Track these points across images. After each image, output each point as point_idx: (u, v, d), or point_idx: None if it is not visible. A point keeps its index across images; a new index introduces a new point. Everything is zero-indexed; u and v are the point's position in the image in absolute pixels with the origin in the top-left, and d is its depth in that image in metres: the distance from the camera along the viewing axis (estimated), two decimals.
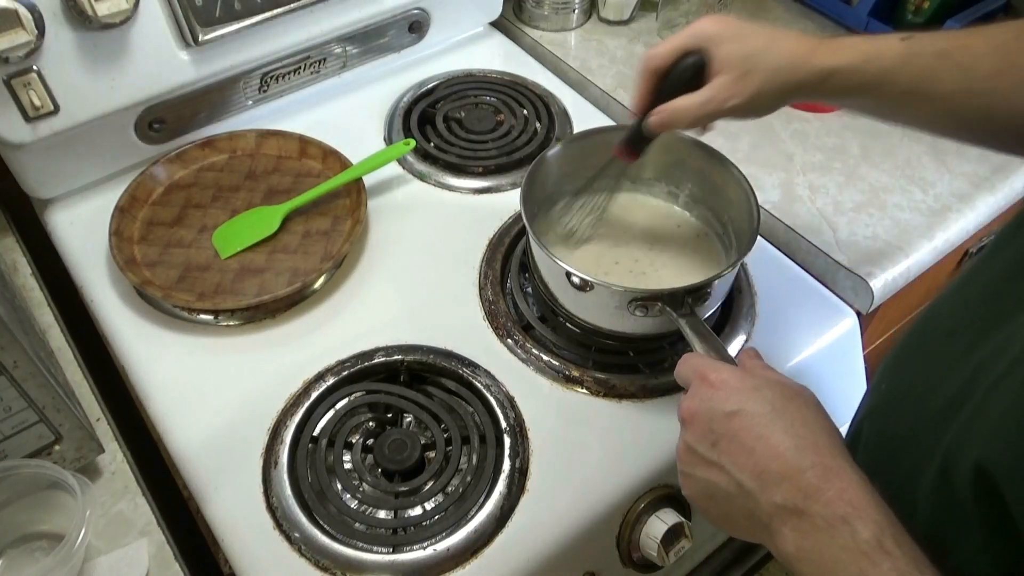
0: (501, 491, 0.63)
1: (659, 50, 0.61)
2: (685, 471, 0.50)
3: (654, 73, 0.61)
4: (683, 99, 0.60)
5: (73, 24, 0.71)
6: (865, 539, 0.40)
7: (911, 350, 0.54)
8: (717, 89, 0.58)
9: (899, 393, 0.53)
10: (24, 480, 0.58)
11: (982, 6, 0.96)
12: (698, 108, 0.59)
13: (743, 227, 0.70)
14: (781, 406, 0.47)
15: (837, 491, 0.42)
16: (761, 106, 0.59)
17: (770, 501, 0.44)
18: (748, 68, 0.57)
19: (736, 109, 0.59)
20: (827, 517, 0.41)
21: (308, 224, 0.82)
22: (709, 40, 0.59)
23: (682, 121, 0.61)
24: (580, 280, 0.64)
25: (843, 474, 0.43)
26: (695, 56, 0.60)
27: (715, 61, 0.59)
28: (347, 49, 0.94)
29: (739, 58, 0.58)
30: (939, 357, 0.49)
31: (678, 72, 0.60)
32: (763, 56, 0.58)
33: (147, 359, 0.72)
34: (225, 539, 0.61)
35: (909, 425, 0.50)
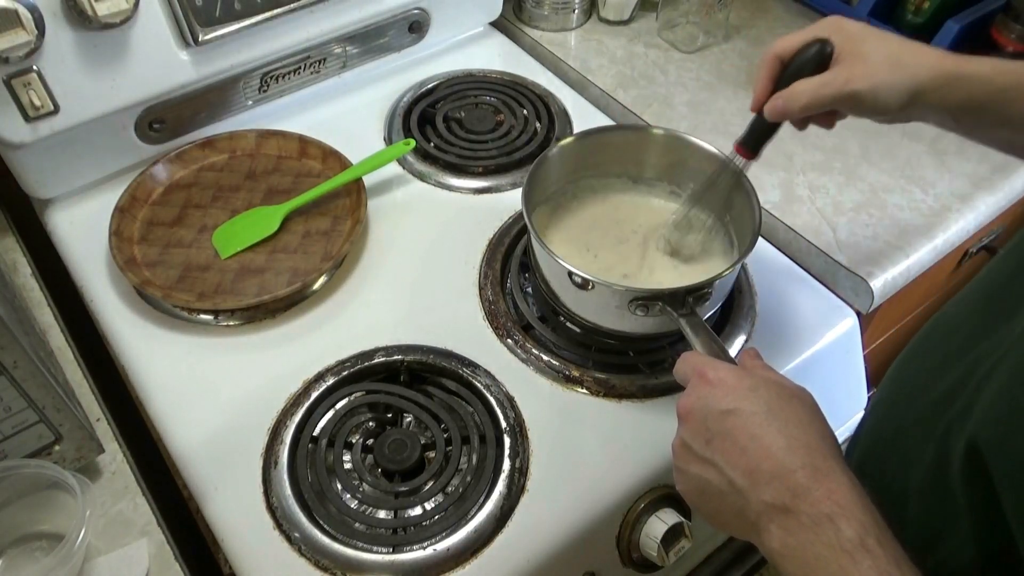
0: (501, 491, 0.63)
1: (786, 39, 0.59)
2: (679, 467, 0.51)
3: (776, 59, 0.60)
4: (803, 81, 0.58)
5: (73, 24, 0.71)
6: (848, 537, 0.40)
7: (915, 350, 0.55)
8: (839, 72, 0.57)
9: (898, 390, 0.54)
10: (24, 480, 0.58)
11: (982, 6, 0.96)
12: (817, 88, 0.57)
13: (744, 227, 0.70)
14: (777, 406, 0.47)
15: (825, 491, 0.42)
16: (883, 101, 0.56)
17: (759, 499, 0.44)
18: (876, 58, 0.56)
19: (857, 95, 0.56)
20: (813, 516, 0.42)
21: (308, 224, 0.82)
22: (837, 31, 0.58)
23: (801, 100, 0.58)
24: (581, 279, 0.64)
25: (832, 475, 0.43)
26: (819, 43, 0.58)
27: (842, 51, 0.57)
28: (347, 49, 0.94)
29: (868, 49, 0.56)
30: (938, 354, 0.50)
31: (802, 59, 0.59)
32: (891, 50, 0.56)
33: (147, 359, 0.72)
34: (225, 539, 0.61)
35: (903, 419, 0.51)
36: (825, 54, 0.58)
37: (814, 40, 0.58)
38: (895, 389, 0.55)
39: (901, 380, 0.55)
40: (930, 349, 0.53)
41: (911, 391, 0.51)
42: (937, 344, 0.52)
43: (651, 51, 1.05)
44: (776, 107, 0.59)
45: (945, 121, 0.59)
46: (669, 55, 1.05)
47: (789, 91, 0.58)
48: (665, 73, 1.02)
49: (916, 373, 0.52)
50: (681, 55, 1.05)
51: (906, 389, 0.53)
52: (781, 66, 0.60)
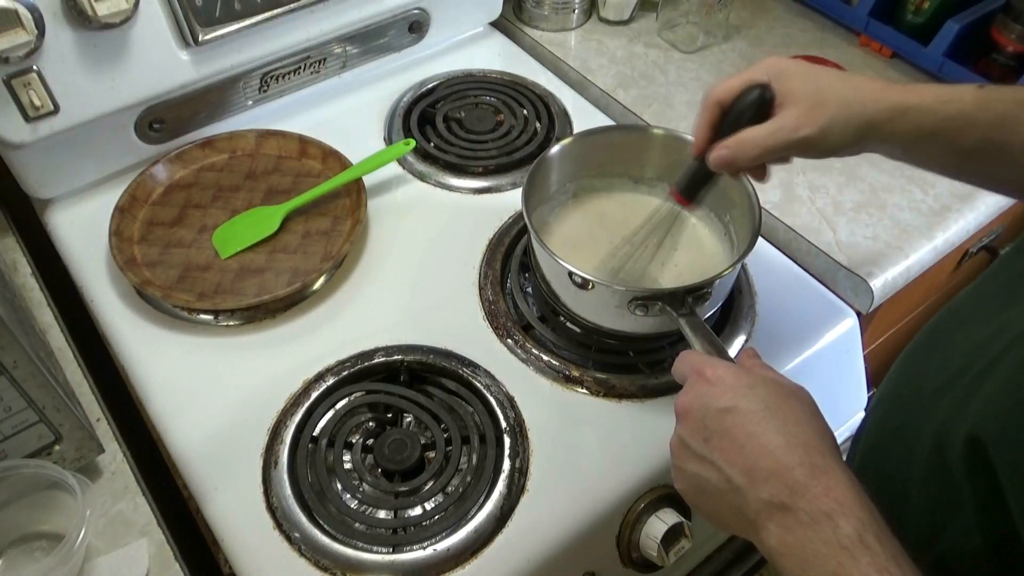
0: (501, 491, 0.63)
1: (723, 83, 0.58)
2: (677, 465, 0.51)
3: (716, 105, 0.58)
4: (748, 131, 0.56)
5: (73, 24, 0.71)
6: (847, 534, 0.40)
7: (920, 346, 0.55)
8: (786, 119, 0.55)
9: (902, 385, 0.54)
10: (24, 480, 0.58)
11: (982, 6, 0.96)
12: (765, 138, 0.56)
13: (744, 227, 0.70)
14: (775, 405, 0.47)
15: (823, 488, 0.42)
16: (833, 141, 0.55)
17: (757, 497, 0.44)
18: (819, 99, 0.55)
19: (807, 141, 0.55)
20: (811, 513, 0.42)
21: (308, 224, 0.82)
22: (776, 74, 0.56)
23: (748, 153, 0.56)
24: (581, 279, 0.64)
25: (830, 472, 0.43)
26: (759, 88, 0.56)
27: (782, 94, 0.56)
28: (347, 49, 0.94)
29: (810, 90, 0.55)
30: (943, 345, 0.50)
31: (743, 104, 0.57)
32: (834, 89, 0.55)
33: (147, 359, 0.72)
34: (225, 539, 0.61)
35: (904, 412, 0.51)
36: (766, 100, 0.56)
37: (754, 85, 0.57)
38: (898, 385, 0.55)
39: (905, 376, 0.55)
40: (935, 345, 0.53)
41: (914, 386, 0.51)
42: (942, 340, 0.52)
43: (651, 51, 1.05)
44: (722, 157, 0.58)
45: (894, 152, 0.58)
46: (669, 55, 1.05)
47: (737, 141, 0.57)
48: (665, 73, 1.02)
49: (920, 369, 0.52)
50: (681, 55, 1.05)
51: (910, 384, 0.53)
52: (721, 112, 0.59)
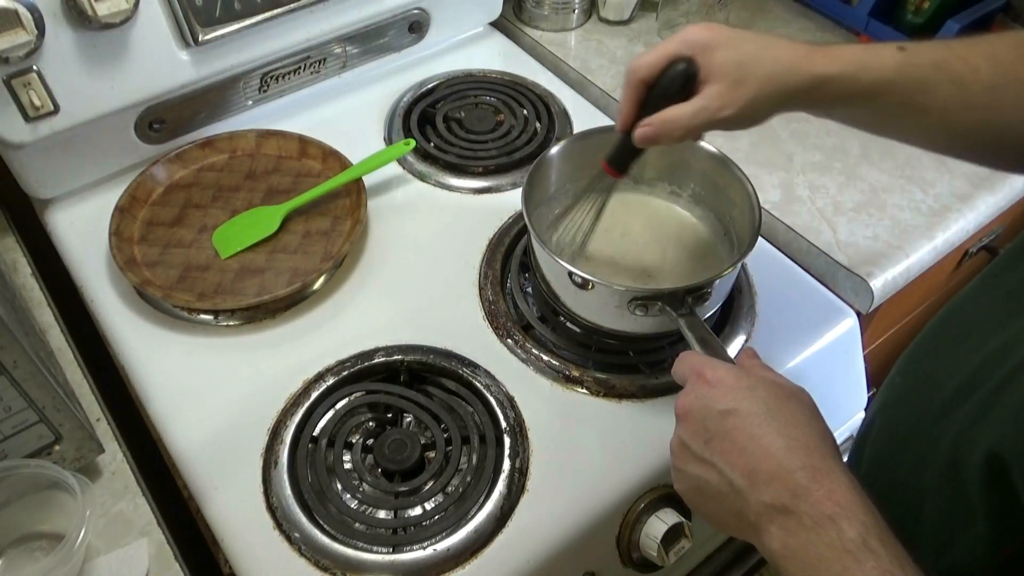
0: (501, 491, 0.63)
1: (645, 59, 0.57)
2: (677, 466, 0.50)
3: (641, 83, 0.58)
4: (673, 109, 0.56)
5: (73, 24, 0.71)
6: (851, 538, 0.40)
7: (926, 346, 0.54)
8: (710, 98, 0.55)
9: (910, 387, 0.54)
10: (24, 480, 0.58)
11: (982, 6, 0.96)
12: (689, 118, 0.56)
13: (744, 227, 0.70)
14: (775, 407, 0.47)
15: (826, 491, 0.42)
16: (755, 115, 0.56)
17: (759, 500, 0.44)
18: (741, 75, 0.54)
19: (730, 119, 0.55)
20: (814, 516, 0.41)
21: (308, 224, 0.82)
22: (699, 47, 0.56)
23: (673, 133, 0.57)
24: (581, 279, 0.64)
25: (832, 475, 0.43)
26: (684, 64, 0.56)
27: (706, 69, 0.55)
28: (347, 49, 0.94)
29: (732, 65, 0.55)
30: (951, 353, 0.50)
31: (666, 81, 0.56)
32: (756, 63, 0.55)
33: (147, 359, 0.72)
34: (225, 539, 0.61)
35: (916, 418, 0.50)
36: (690, 75, 0.56)
37: (677, 59, 0.56)
38: (907, 387, 0.55)
39: (913, 378, 0.54)
40: (942, 346, 0.52)
41: (924, 390, 0.51)
42: (950, 341, 0.52)
43: None
44: (647, 135, 0.58)
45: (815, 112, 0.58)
46: None
47: (661, 120, 0.57)
48: None
49: (929, 371, 0.52)
50: None
51: (919, 388, 0.52)
52: (646, 88, 0.58)
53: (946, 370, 0.49)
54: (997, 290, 0.50)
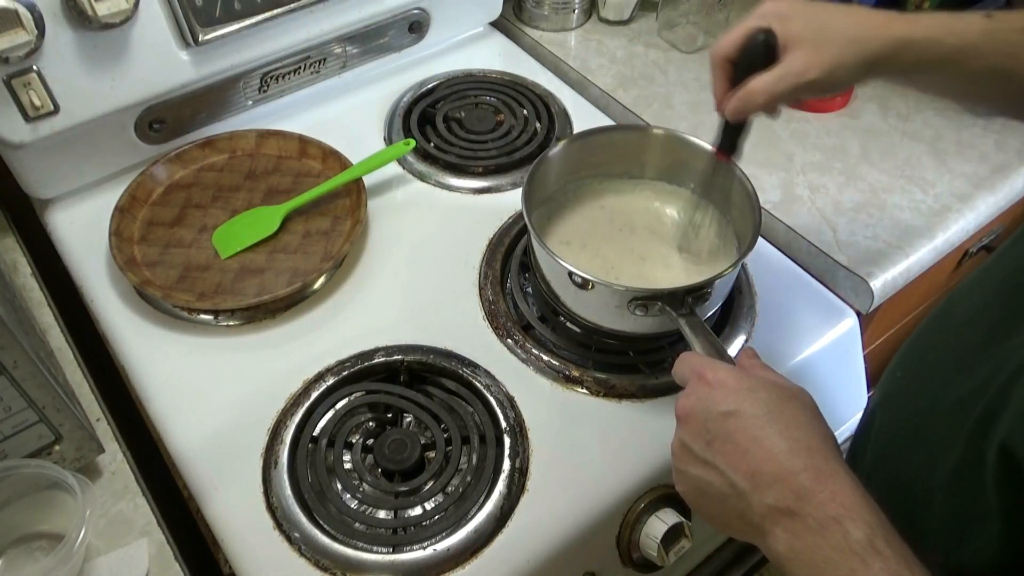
0: (501, 491, 0.63)
1: (728, 37, 0.58)
2: (679, 468, 0.50)
3: (724, 60, 0.58)
4: (756, 79, 0.56)
5: (73, 24, 0.71)
6: (857, 539, 0.40)
7: (928, 339, 0.54)
8: (791, 63, 0.55)
9: (915, 382, 0.53)
10: (24, 480, 0.58)
11: (982, 6, 0.96)
12: (774, 84, 0.56)
13: (744, 227, 0.70)
14: (777, 408, 0.47)
15: (830, 493, 0.42)
16: (839, 79, 0.55)
17: (762, 502, 0.44)
18: (822, 39, 0.54)
19: (815, 83, 0.55)
20: (819, 518, 0.41)
21: (308, 224, 0.82)
22: (776, 18, 0.56)
23: (758, 100, 0.57)
24: (581, 279, 0.64)
25: (836, 476, 0.43)
26: (763, 34, 0.56)
27: (785, 37, 0.56)
28: (347, 49, 0.94)
29: (812, 30, 0.55)
30: (957, 347, 0.50)
31: (748, 52, 0.57)
32: (836, 27, 0.55)
33: (147, 359, 0.72)
34: (225, 539, 0.61)
35: (926, 414, 0.50)
36: (771, 45, 0.56)
37: (756, 31, 0.57)
38: (909, 382, 0.54)
39: (915, 373, 0.54)
40: (946, 341, 0.52)
41: (931, 387, 0.51)
42: (954, 336, 0.51)
43: (651, 51, 1.05)
44: (735, 108, 0.58)
45: (898, 80, 0.59)
46: (669, 55, 1.05)
47: (745, 90, 0.57)
48: (665, 73, 1.02)
49: (934, 367, 0.52)
50: (681, 55, 1.05)
51: (924, 384, 0.52)
52: (732, 66, 0.59)
53: (954, 367, 0.48)
54: (995, 280, 0.50)
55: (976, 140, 0.91)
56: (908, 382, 0.54)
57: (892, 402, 0.56)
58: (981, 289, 0.51)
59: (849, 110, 0.95)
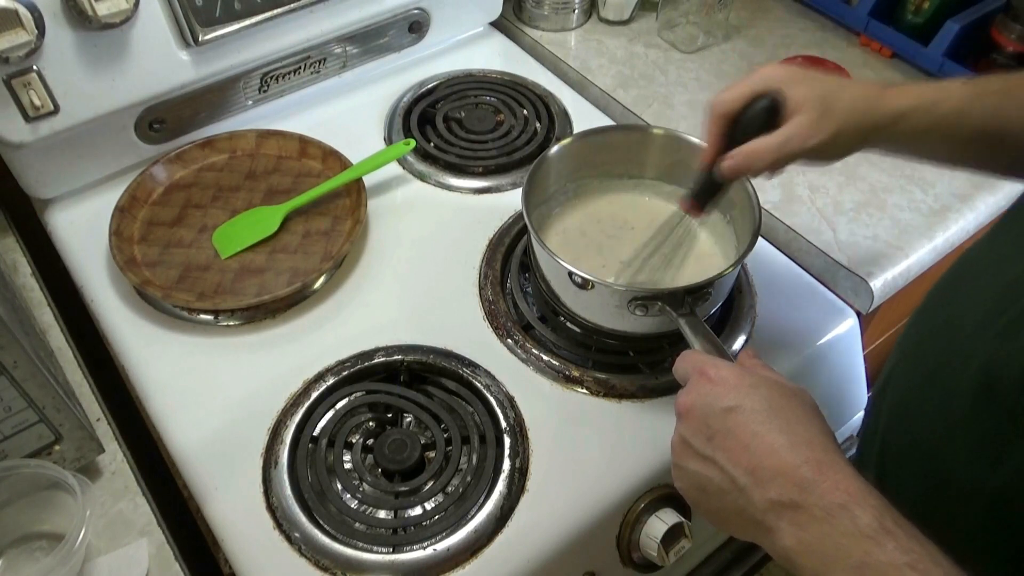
0: (501, 491, 0.63)
1: (728, 94, 0.58)
2: (678, 464, 0.50)
3: (725, 117, 0.59)
4: (760, 141, 0.57)
5: (73, 24, 0.71)
6: (866, 523, 0.40)
7: (941, 297, 0.56)
8: (796, 128, 0.56)
9: (927, 335, 0.55)
10: (24, 480, 0.58)
11: (982, 6, 0.96)
12: (777, 149, 0.56)
13: (744, 227, 0.70)
14: (778, 404, 0.47)
15: (832, 482, 0.42)
16: (838, 148, 0.57)
17: (764, 497, 0.44)
18: (826, 108, 0.56)
19: (816, 149, 0.56)
20: (825, 507, 0.41)
21: (308, 224, 0.82)
22: (782, 82, 0.57)
23: (760, 163, 0.58)
24: (581, 279, 0.64)
25: (836, 466, 0.43)
26: (768, 98, 0.57)
27: (791, 101, 0.57)
28: (347, 49, 0.94)
29: (816, 98, 0.56)
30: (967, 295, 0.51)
31: (752, 115, 0.57)
32: (838, 97, 0.56)
33: (147, 359, 0.72)
34: (225, 539, 0.61)
35: (941, 355, 0.51)
36: (776, 109, 0.57)
37: (762, 94, 0.57)
38: (923, 336, 0.55)
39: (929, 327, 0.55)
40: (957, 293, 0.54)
41: (944, 333, 0.52)
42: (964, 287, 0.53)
43: (651, 51, 1.05)
44: (733, 167, 0.59)
45: (892, 149, 0.60)
46: (669, 55, 1.05)
47: (748, 151, 0.58)
48: (665, 73, 1.02)
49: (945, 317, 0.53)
50: (681, 55, 1.05)
51: (937, 333, 0.53)
52: (730, 123, 0.59)
53: (964, 310, 0.50)
54: (1007, 236, 0.51)
55: None
56: (923, 338, 0.55)
57: (908, 359, 0.56)
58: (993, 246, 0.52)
59: None
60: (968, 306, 0.49)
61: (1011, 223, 0.53)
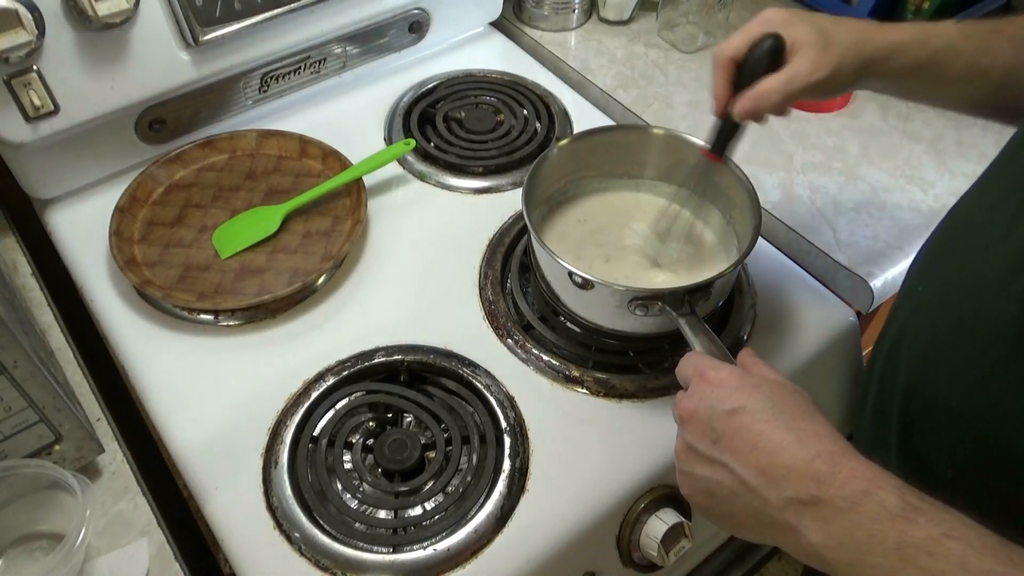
0: (501, 491, 0.63)
1: (732, 40, 0.60)
2: (685, 470, 0.50)
3: (731, 62, 0.61)
4: (768, 80, 0.59)
5: (73, 24, 0.71)
6: (893, 503, 0.40)
7: (943, 249, 0.57)
8: (800, 63, 0.58)
9: (943, 283, 0.55)
10: (24, 480, 0.58)
11: (982, 6, 0.96)
12: (785, 85, 0.58)
13: (744, 227, 0.70)
14: (781, 402, 0.47)
15: (849, 471, 0.42)
16: (840, 81, 0.59)
17: (780, 496, 0.43)
18: (826, 42, 0.58)
19: (821, 83, 0.58)
20: (848, 496, 0.41)
21: (308, 224, 0.82)
22: (782, 23, 0.59)
23: (769, 101, 0.59)
24: (582, 279, 0.64)
25: (848, 454, 0.43)
26: (771, 38, 0.59)
27: (791, 40, 0.59)
28: (347, 49, 0.94)
29: (815, 34, 0.58)
30: (978, 245, 0.52)
31: (757, 56, 0.59)
32: (836, 32, 0.58)
33: (147, 359, 0.72)
34: (225, 539, 0.61)
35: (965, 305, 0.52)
36: (779, 48, 0.59)
37: (764, 36, 0.59)
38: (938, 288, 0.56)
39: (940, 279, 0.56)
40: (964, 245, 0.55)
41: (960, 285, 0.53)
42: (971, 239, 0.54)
43: (651, 51, 1.05)
44: (746, 108, 0.60)
45: (886, 86, 0.63)
46: (669, 55, 1.05)
47: (757, 92, 0.60)
48: (665, 73, 1.02)
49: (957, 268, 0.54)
50: (681, 55, 1.05)
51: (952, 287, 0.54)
52: (736, 68, 0.61)
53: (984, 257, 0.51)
54: (1006, 180, 0.53)
55: (976, 140, 0.91)
56: (935, 291, 0.56)
57: (923, 313, 0.57)
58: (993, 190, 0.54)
59: (849, 110, 0.95)
60: (988, 253, 0.50)
61: (1002, 171, 0.54)
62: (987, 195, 0.55)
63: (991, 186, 0.55)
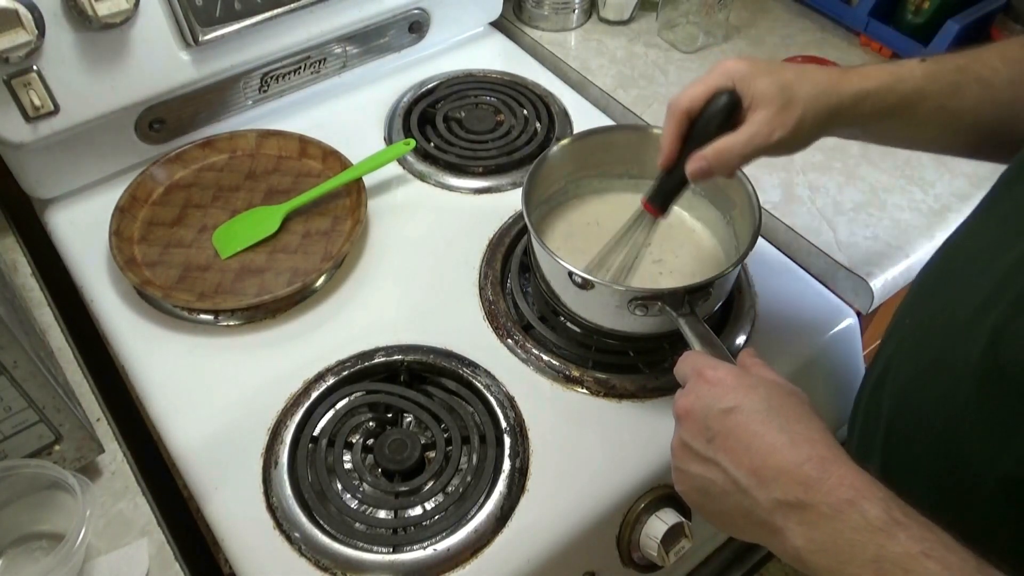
0: (501, 491, 0.63)
1: (687, 93, 0.58)
2: (679, 467, 0.50)
3: (685, 115, 0.58)
4: (727, 140, 0.56)
5: (73, 24, 0.71)
6: (876, 515, 0.40)
7: (932, 283, 0.56)
8: (760, 123, 0.55)
9: (926, 319, 0.54)
10: (24, 480, 0.58)
11: (982, 6, 0.96)
12: (743, 146, 0.56)
13: (744, 227, 0.70)
14: (777, 403, 0.47)
15: (837, 478, 0.42)
16: (802, 138, 0.57)
17: (769, 498, 0.44)
18: (787, 99, 0.55)
19: (781, 142, 0.56)
20: (832, 504, 0.41)
21: (308, 224, 0.82)
22: (740, 77, 0.56)
23: (729, 163, 0.57)
24: (582, 279, 0.65)
25: (839, 461, 0.43)
26: (726, 95, 0.56)
27: (749, 97, 0.56)
28: (347, 49, 0.94)
29: (776, 90, 0.55)
30: (962, 278, 0.51)
31: (711, 112, 0.57)
32: (798, 86, 0.56)
33: (147, 359, 0.72)
34: (225, 539, 0.61)
35: (942, 342, 0.51)
36: (735, 105, 0.56)
37: (720, 91, 0.56)
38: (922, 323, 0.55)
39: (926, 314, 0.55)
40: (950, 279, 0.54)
41: (942, 319, 0.52)
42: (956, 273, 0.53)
43: (651, 51, 1.05)
44: (701, 168, 0.57)
45: (853, 133, 0.61)
46: (669, 55, 1.05)
47: (714, 152, 0.57)
48: (665, 73, 1.02)
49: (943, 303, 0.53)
50: (681, 55, 1.05)
51: (935, 320, 0.53)
52: (689, 122, 0.58)
53: (960, 296, 0.50)
54: (993, 218, 0.52)
55: None
56: (919, 324, 0.55)
57: (907, 346, 0.56)
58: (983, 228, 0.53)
59: None
60: (964, 292, 0.50)
61: (992, 207, 0.53)
62: (973, 232, 0.54)
63: (978, 223, 0.54)
